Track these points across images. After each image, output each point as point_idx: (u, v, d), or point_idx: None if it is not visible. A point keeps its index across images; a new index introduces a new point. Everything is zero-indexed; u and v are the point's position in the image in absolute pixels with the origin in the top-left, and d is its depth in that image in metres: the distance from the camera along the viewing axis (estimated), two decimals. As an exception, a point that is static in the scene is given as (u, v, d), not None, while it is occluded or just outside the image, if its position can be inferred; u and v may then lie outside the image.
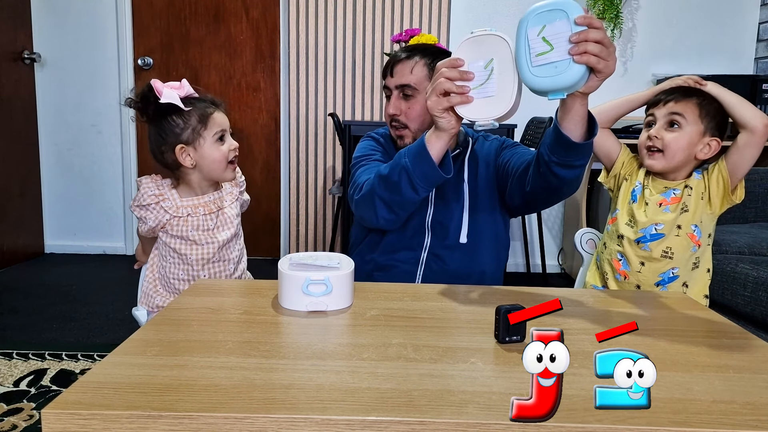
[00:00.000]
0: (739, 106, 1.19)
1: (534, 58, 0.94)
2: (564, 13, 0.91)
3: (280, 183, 3.48)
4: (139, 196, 1.19)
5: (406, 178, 1.13)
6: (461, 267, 1.33)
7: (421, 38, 2.53)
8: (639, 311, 0.97)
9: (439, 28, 3.26)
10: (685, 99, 1.22)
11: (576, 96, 1.00)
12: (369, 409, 0.58)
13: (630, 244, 1.28)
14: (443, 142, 1.10)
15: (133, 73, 3.40)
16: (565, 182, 1.13)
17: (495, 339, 0.79)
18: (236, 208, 1.29)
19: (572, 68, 0.91)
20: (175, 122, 1.17)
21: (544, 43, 0.93)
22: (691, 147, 1.22)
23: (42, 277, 3.05)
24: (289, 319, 0.88)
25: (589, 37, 0.90)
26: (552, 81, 0.93)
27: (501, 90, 0.99)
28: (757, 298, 1.80)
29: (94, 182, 3.48)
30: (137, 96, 1.17)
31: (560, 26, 0.92)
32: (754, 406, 0.61)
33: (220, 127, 1.20)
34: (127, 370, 0.67)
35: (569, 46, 0.91)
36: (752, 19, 3.22)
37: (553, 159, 1.08)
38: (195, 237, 1.20)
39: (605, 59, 0.91)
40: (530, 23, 0.94)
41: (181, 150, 1.18)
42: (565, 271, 3.31)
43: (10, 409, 1.60)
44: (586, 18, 0.90)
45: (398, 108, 1.33)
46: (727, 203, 1.23)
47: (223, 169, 1.21)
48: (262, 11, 3.35)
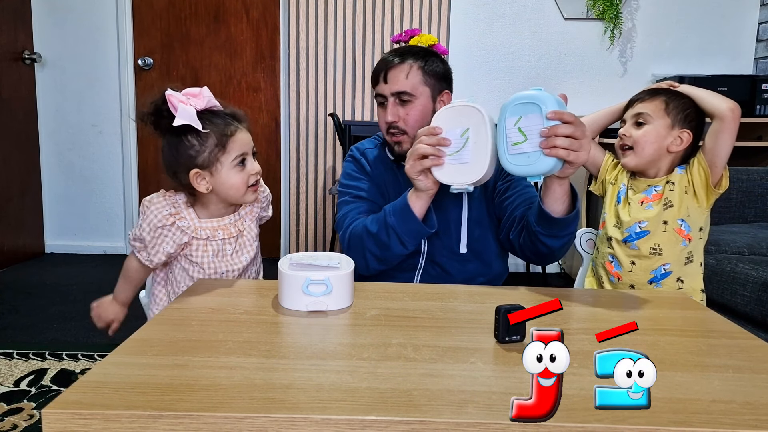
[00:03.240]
0: (707, 97, 1.24)
1: (510, 147, 1.02)
2: (538, 107, 0.98)
3: (280, 183, 3.49)
4: (151, 218, 1.04)
5: (396, 237, 1.20)
6: (460, 273, 1.32)
7: (421, 38, 2.53)
8: (639, 311, 0.97)
9: (439, 28, 3.26)
10: (651, 98, 1.28)
11: (553, 178, 1.07)
12: (369, 409, 0.58)
13: (618, 244, 1.30)
14: (423, 201, 1.18)
15: (133, 73, 3.40)
16: (554, 250, 1.19)
17: (495, 339, 0.79)
18: (255, 229, 1.17)
19: (543, 160, 0.99)
20: (190, 143, 1.03)
21: (520, 133, 1.01)
22: (660, 140, 1.26)
23: (42, 277, 3.05)
24: (289, 319, 0.88)
25: (558, 132, 0.96)
26: (526, 169, 1.02)
27: (475, 158, 1.07)
28: (757, 298, 1.80)
29: (94, 182, 3.49)
30: (150, 107, 1.03)
31: (534, 119, 0.99)
32: (754, 406, 0.61)
33: (242, 150, 1.07)
34: (127, 370, 0.67)
35: (540, 139, 0.98)
36: (752, 19, 3.22)
37: (538, 230, 1.15)
38: (214, 266, 1.08)
39: (575, 151, 0.98)
40: (509, 113, 1.02)
41: (196, 174, 1.04)
42: (565, 271, 3.31)
43: (11, 409, 1.60)
44: (557, 113, 0.97)
45: (396, 115, 1.30)
46: (713, 194, 1.25)
47: (242, 195, 1.09)
48: (262, 11, 3.35)
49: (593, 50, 3.25)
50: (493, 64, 3.27)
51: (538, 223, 1.14)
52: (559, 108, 0.98)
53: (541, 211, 1.11)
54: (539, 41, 3.25)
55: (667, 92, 1.28)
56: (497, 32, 3.25)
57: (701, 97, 1.24)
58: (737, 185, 2.49)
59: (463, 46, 3.25)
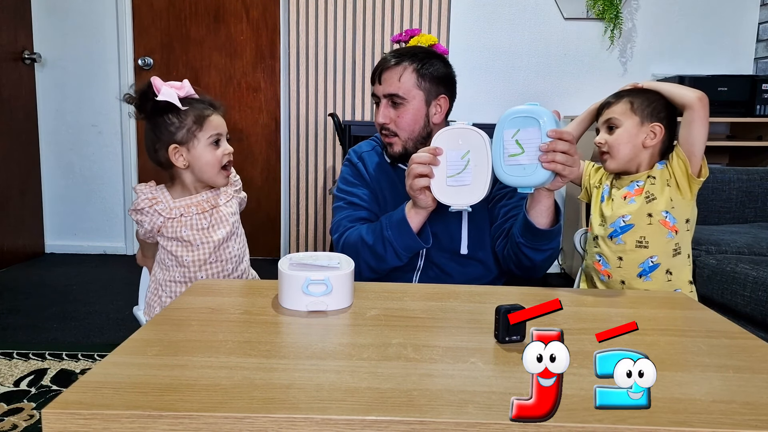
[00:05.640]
0: (673, 89, 1.28)
1: (507, 158, 1.06)
2: (537, 122, 1.03)
3: (280, 183, 3.48)
4: (135, 201, 1.19)
5: (392, 250, 1.23)
6: (459, 275, 1.32)
7: (421, 38, 2.53)
8: (638, 311, 0.97)
9: (439, 28, 3.26)
10: (616, 101, 1.32)
11: (542, 191, 1.12)
12: (369, 409, 0.58)
13: (604, 241, 1.32)
14: (421, 216, 1.21)
15: (133, 73, 3.40)
16: (536, 263, 1.23)
17: (495, 339, 0.79)
18: (233, 206, 1.26)
19: (539, 172, 1.04)
20: (170, 121, 1.16)
21: (517, 145, 1.05)
22: (633, 139, 1.29)
23: (42, 277, 3.05)
24: (289, 319, 0.88)
25: (557, 148, 1.02)
26: (521, 180, 1.06)
27: (476, 180, 1.12)
28: (757, 298, 1.80)
29: (94, 182, 3.48)
30: (136, 92, 1.17)
31: (532, 133, 1.04)
32: (754, 406, 0.61)
33: (216, 131, 1.19)
34: (127, 370, 0.67)
35: (539, 153, 1.03)
36: (752, 19, 3.22)
37: (521, 241, 1.20)
38: (189, 237, 1.18)
39: (570, 166, 1.04)
40: (506, 125, 1.06)
41: (175, 150, 1.16)
42: (565, 271, 3.31)
43: (11, 409, 1.60)
44: (557, 132, 1.02)
45: (387, 117, 1.31)
46: (695, 183, 1.28)
47: (215, 174, 1.20)
48: (262, 11, 3.35)
49: (593, 50, 3.25)
50: (493, 64, 3.27)
51: (522, 235, 1.19)
52: (556, 124, 1.04)
53: (526, 223, 1.16)
54: (539, 41, 3.25)
55: (630, 92, 1.32)
56: (497, 32, 3.25)
57: (668, 91, 1.28)
58: (737, 185, 2.48)
59: (463, 46, 3.25)
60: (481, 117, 3.22)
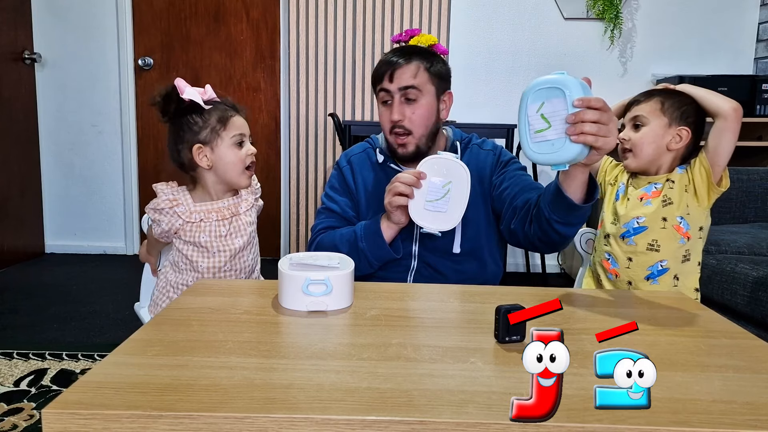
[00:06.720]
0: (709, 96, 1.25)
1: (533, 135, 0.96)
2: (561, 92, 0.93)
3: (280, 183, 3.48)
4: (155, 200, 1.18)
5: (365, 260, 1.28)
6: (453, 274, 1.32)
7: (421, 38, 2.53)
8: (639, 311, 0.97)
9: (439, 28, 3.26)
10: (646, 99, 1.29)
11: (577, 166, 1.02)
12: (369, 409, 0.58)
13: (615, 240, 1.31)
14: (394, 231, 1.27)
15: (134, 73, 3.40)
16: (566, 237, 1.18)
17: (495, 339, 0.79)
18: (252, 216, 1.26)
19: (568, 147, 0.93)
20: (194, 120, 1.16)
21: (543, 120, 0.95)
22: (659, 140, 1.27)
23: (42, 277, 3.05)
24: (289, 319, 0.88)
25: (585, 117, 0.91)
26: (550, 157, 0.96)
27: (451, 210, 1.17)
28: (757, 298, 1.80)
29: (94, 182, 3.49)
30: (160, 94, 1.16)
31: (558, 104, 0.93)
32: (754, 406, 0.61)
33: (239, 131, 1.18)
34: (127, 370, 0.67)
35: (566, 126, 0.93)
36: (752, 19, 3.22)
37: (553, 217, 1.12)
38: (207, 243, 1.17)
39: (604, 136, 0.92)
40: (530, 99, 0.96)
41: (198, 150, 1.16)
42: (565, 271, 3.31)
43: (11, 409, 1.60)
44: (583, 100, 0.91)
45: (402, 113, 1.29)
46: (715, 193, 1.26)
47: (239, 173, 1.19)
48: (262, 11, 3.35)
49: (593, 50, 3.25)
50: (494, 64, 3.27)
51: (553, 211, 1.11)
52: (585, 93, 0.93)
53: (561, 198, 1.07)
54: (539, 41, 3.25)
55: (662, 92, 1.29)
56: (497, 32, 3.25)
57: (703, 97, 1.24)
58: (737, 185, 2.48)
59: (463, 46, 3.25)
60: (481, 117, 3.22)
